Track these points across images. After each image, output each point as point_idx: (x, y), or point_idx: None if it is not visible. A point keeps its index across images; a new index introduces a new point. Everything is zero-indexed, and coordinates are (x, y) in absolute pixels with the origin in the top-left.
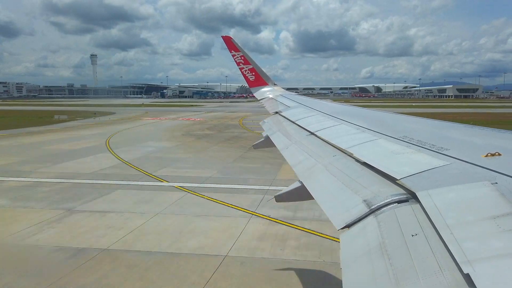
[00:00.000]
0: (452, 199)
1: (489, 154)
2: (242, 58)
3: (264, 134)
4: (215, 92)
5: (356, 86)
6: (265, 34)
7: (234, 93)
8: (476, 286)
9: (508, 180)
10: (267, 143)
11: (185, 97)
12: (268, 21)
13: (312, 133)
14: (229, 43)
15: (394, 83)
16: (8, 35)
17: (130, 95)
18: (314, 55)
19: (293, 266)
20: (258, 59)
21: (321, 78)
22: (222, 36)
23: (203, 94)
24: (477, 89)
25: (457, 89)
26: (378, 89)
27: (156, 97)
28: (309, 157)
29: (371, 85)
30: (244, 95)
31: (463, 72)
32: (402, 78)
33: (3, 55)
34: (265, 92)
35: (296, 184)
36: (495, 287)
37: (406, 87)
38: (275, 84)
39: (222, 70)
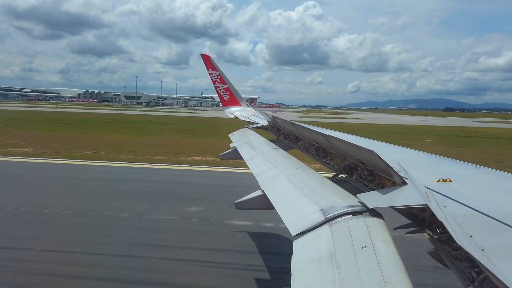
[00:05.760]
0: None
1: (441, 180)
2: (219, 77)
3: (232, 145)
4: (28, 94)
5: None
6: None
7: (75, 97)
8: None
9: (455, 204)
10: (234, 154)
11: None
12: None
13: (278, 146)
14: (208, 61)
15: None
16: None
17: None
18: (291, 68)
19: None
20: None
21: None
22: (202, 55)
23: (5, 96)
24: (140, 97)
25: (125, 96)
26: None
27: None
28: (273, 167)
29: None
30: (92, 100)
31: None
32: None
33: None
34: (235, 111)
35: (257, 193)
36: None
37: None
38: (248, 105)
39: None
